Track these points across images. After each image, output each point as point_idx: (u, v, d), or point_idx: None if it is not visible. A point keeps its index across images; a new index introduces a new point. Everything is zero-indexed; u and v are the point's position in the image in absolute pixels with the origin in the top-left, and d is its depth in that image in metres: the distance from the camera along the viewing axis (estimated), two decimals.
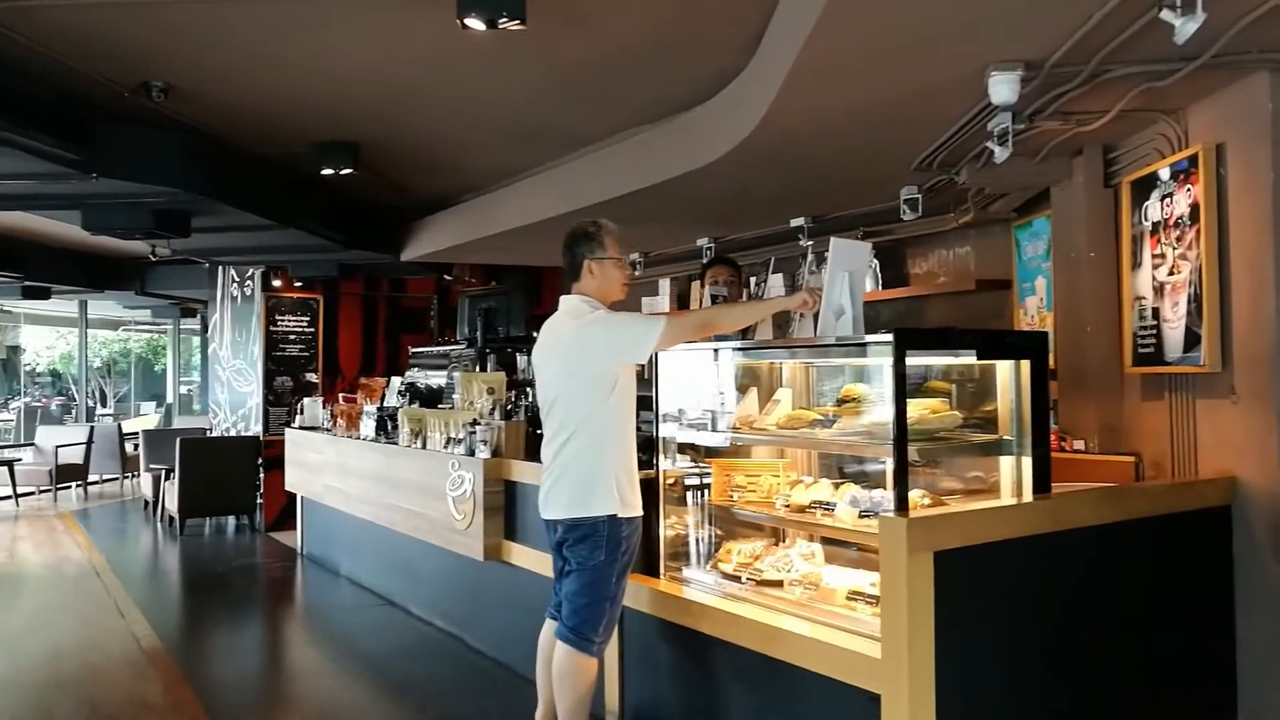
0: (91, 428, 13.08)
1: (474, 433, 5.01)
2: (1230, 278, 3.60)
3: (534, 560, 4.59)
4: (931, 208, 5.61)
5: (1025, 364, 3.35)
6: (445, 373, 6.10)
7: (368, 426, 6.41)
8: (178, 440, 9.39)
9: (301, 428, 7.95)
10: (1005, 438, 3.42)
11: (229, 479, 9.47)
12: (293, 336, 9.85)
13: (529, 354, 8.42)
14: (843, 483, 3.75)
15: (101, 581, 7.18)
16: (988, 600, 2.93)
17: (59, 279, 10.85)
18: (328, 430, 7.38)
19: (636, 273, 8.30)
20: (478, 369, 6.06)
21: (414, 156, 6.39)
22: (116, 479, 13.67)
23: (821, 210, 6.31)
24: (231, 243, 7.71)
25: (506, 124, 5.61)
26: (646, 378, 4.23)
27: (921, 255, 6.61)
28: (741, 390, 4.22)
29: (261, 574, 7.66)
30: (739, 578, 3.80)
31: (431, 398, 6.03)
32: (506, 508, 4.93)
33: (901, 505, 3.01)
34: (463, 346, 6.53)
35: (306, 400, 8.08)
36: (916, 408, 3.38)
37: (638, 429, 4.43)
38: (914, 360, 3.60)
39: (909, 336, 3.05)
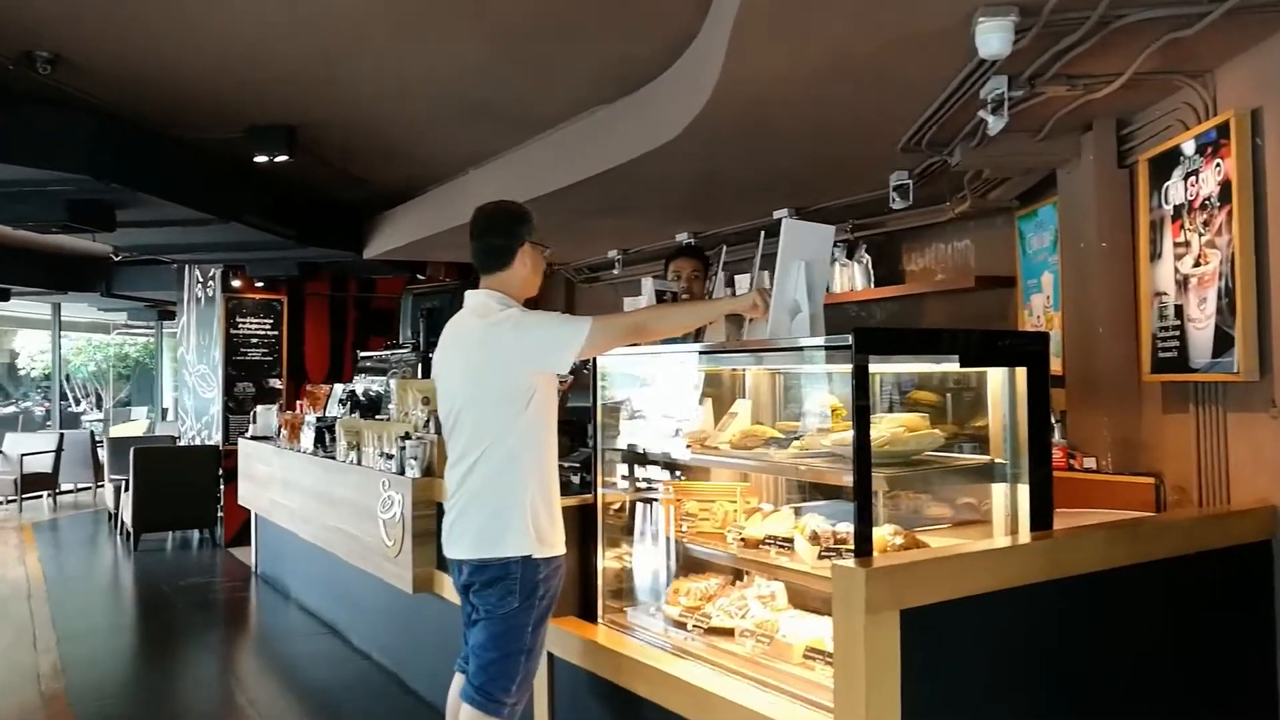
0: (61, 435, 12.60)
1: (404, 448, 4.44)
2: (1269, 268, 3.00)
3: None
4: (925, 197, 5.06)
5: (1021, 371, 2.76)
6: (386, 378, 5.54)
7: (307, 438, 5.86)
8: (132, 449, 8.86)
9: (253, 438, 7.41)
10: (997, 461, 2.83)
11: (188, 491, 8.93)
12: (255, 340, 9.31)
13: None
14: (808, 511, 3.17)
15: (29, 605, 6.65)
16: (970, 669, 2.34)
17: (17, 280, 10.35)
18: (275, 441, 6.83)
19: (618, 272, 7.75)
20: (419, 374, 5.49)
21: (359, 141, 5.84)
22: (90, 488, 13.21)
23: (805, 201, 5.74)
24: (170, 239, 7.17)
25: (452, 101, 5.06)
26: (586, 385, 3.68)
27: (917, 250, 6.04)
28: (698, 401, 3.65)
29: (207, 596, 7.11)
30: (685, 624, 3.22)
31: (373, 406, 5.47)
32: (439, 534, 4.35)
33: (863, 548, 2.43)
34: (406, 350, 5.96)
35: (259, 408, 7.54)
36: (889, 425, 2.80)
37: (582, 446, 3.87)
38: (895, 368, 3.05)
39: (871, 338, 2.47)
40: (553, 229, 6.99)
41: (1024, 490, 2.78)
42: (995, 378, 2.85)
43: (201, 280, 9.60)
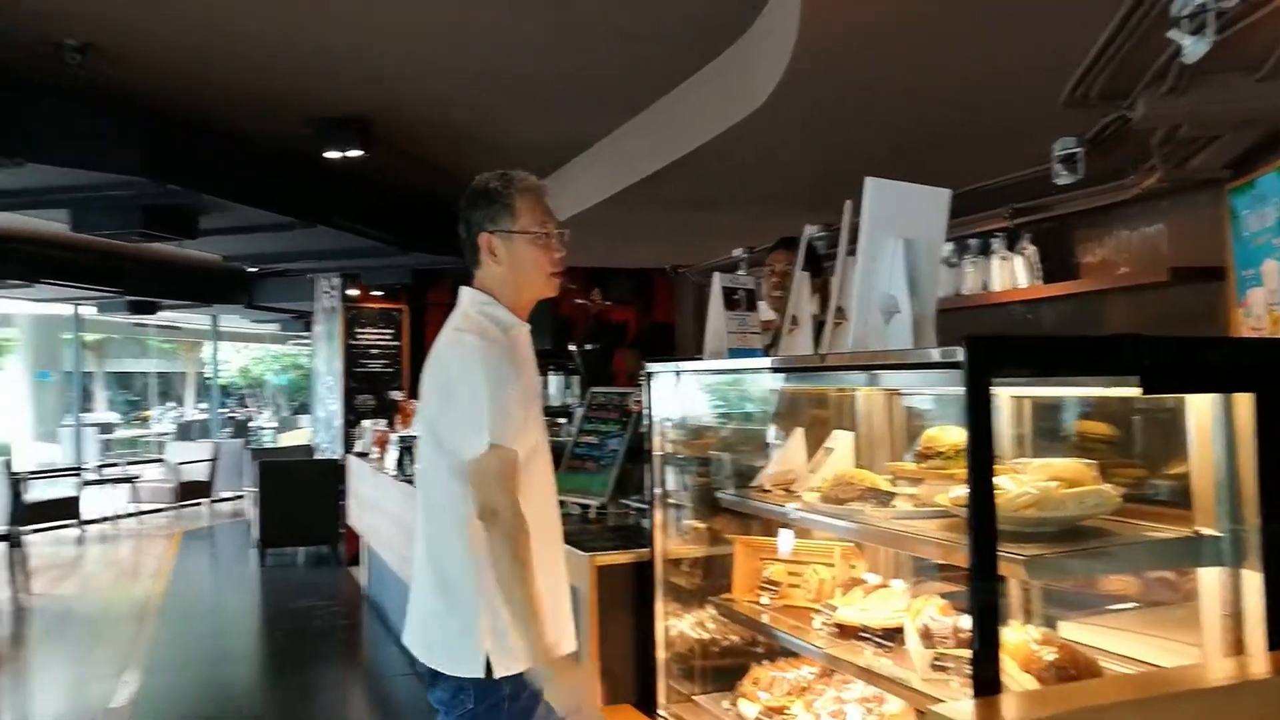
0: (216, 445, 12.88)
1: None
2: None
3: None
4: (1102, 171, 4.05)
5: (1243, 399, 1.83)
6: None
7: (391, 457, 5.39)
8: (258, 463, 8.76)
9: (359, 454, 7.06)
10: (1205, 533, 1.90)
11: (310, 506, 8.71)
12: (375, 350, 9.04)
13: (568, 372, 7.18)
14: (925, 591, 2.31)
15: (138, 626, 6.48)
16: None
17: (164, 293, 10.54)
18: (370, 459, 6.44)
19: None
20: None
21: (439, 133, 5.34)
22: (244, 497, 13.50)
23: (949, 181, 4.76)
24: (264, 246, 6.90)
25: (525, 81, 4.46)
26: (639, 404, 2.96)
27: (1094, 238, 4.99)
28: (784, 429, 2.85)
29: (311, 623, 6.75)
30: None
31: None
32: None
33: (986, 674, 1.57)
34: None
35: (366, 422, 7.19)
36: (1037, 476, 1.94)
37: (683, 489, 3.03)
38: (1048, 391, 2.19)
39: (994, 352, 1.62)
40: (667, 226, 6.31)
41: (1252, 578, 1.84)
42: (1201, 407, 1.92)
43: (328, 290, 9.46)
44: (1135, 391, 1.78)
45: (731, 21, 3.55)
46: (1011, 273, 5.22)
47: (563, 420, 4.59)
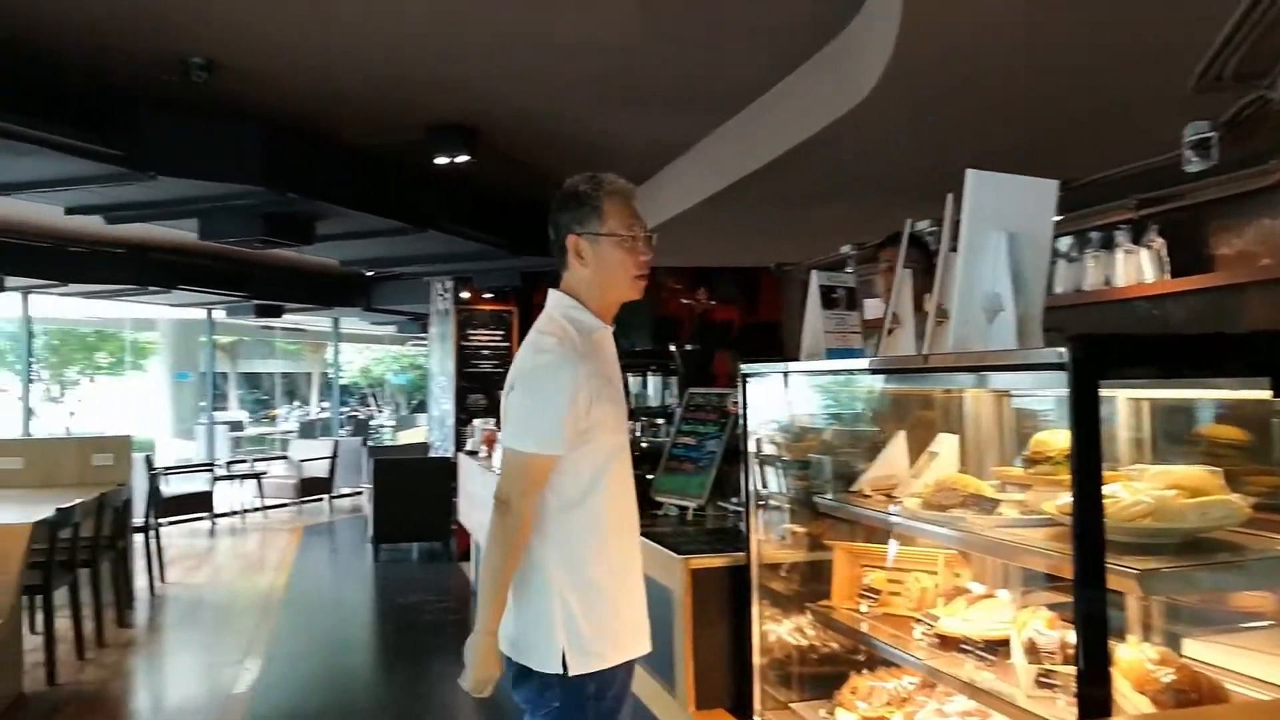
0: (335, 442, 13.35)
1: None
2: None
3: None
4: (1238, 156, 3.79)
5: None
6: None
7: (497, 456, 5.47)
8: (373, 460, 9.03)
9: (468, 452, 7.20)
10: None
11: (423, 502, 8.95)
12: (486, 351, 9.22)
13: (668, 373, 7.12)
14: (1032, 602, 2.20)
15: (261, 616, 6.77)
16: None
17: (286, 297, 11.00)
18: (478, 458, 6.55)
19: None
20: None
21: (542, 139, 5.37)
22: (361, 493, 13.95)
23: (1069, 171, 4.56)
24: (378, 250, 7.09)
25: (626, 86, 4.47)
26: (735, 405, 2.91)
27: (1230, 229, 4.67)
28: (886, 432, 2.75)
29: (420, 617, 6.92)
30: None
31: None
32: None
33: (1094, 695, 1.48)
34: None
35: (476, 421, 7.33)
36: (1155, 483, 1.81)
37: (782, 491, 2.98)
38: (1172, 394, 2.05)
39: (1104, 352, 1.51)
40: (771, 224, 6.22)
41: None
42: None
43: (441, 293, 9.70)
44: (1264, 394, 1.64)
45: (831, 16, 3.47)
46: (1137, 266, 4.93)
47: (661, 421, 4.57)
